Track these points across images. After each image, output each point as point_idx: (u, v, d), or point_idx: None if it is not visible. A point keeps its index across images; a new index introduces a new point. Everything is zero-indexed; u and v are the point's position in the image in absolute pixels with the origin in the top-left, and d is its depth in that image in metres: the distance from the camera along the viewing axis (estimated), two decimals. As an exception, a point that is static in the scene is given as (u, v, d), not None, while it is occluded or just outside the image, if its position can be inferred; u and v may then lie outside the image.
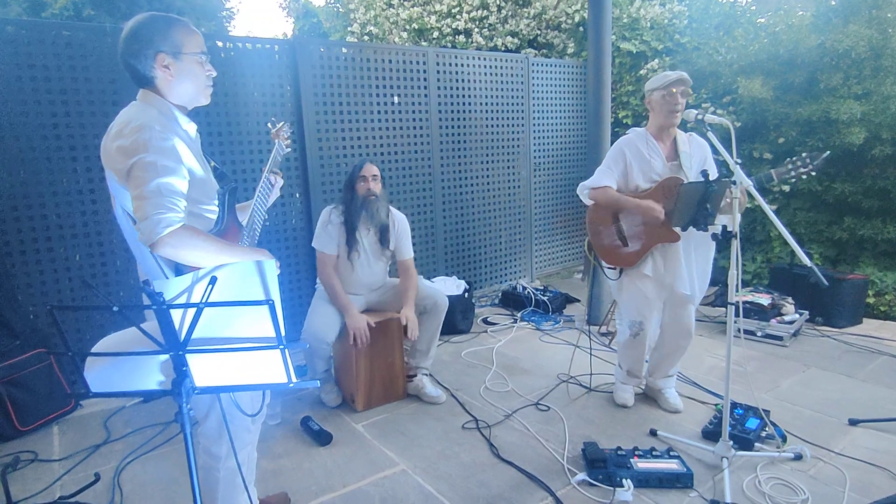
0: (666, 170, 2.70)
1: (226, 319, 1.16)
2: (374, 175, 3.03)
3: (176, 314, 1.12)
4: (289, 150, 2.16)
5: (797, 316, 3.94)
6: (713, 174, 2.73)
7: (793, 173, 2.31)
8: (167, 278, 1.41)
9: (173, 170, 1.45)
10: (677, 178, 2.63)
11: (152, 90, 1.58)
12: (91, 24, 4.04)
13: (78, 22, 7.46)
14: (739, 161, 2.21)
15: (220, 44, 3.70)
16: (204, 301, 1.08)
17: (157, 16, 1.58)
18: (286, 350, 1.14)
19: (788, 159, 2.34)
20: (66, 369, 3.13)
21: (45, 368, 3.00)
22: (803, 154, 2.32)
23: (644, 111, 2.81)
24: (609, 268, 2.88)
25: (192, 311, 1.10)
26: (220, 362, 1.19)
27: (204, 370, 1.19)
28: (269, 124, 2.12)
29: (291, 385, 1.19)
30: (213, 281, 1.07)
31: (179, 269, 1.41)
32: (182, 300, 1.12)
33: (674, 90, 2.62)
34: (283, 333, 1.13)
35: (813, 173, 2.31)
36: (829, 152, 2.39)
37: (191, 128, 1.66)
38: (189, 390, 1.16)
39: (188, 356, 1.16)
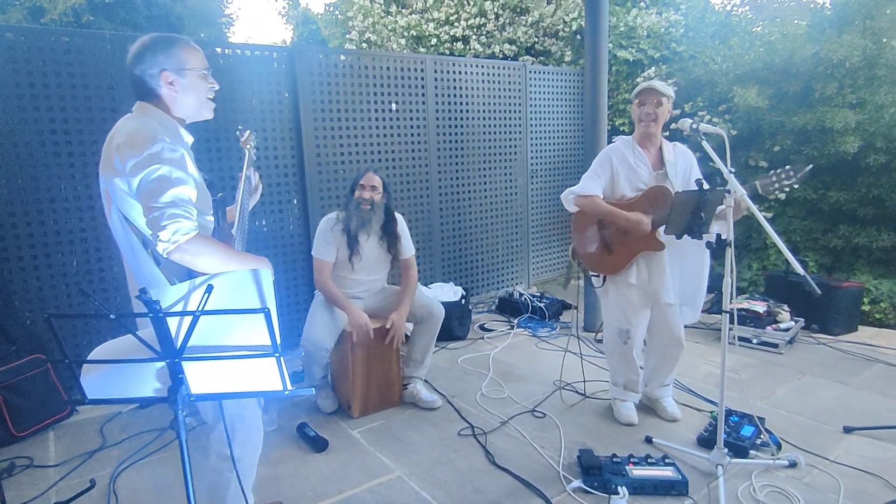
0: (652, 179, 2.72)
1: (222, 327, 1.17)
2: (374, 185, 3.04)
3: (172, 322, 1.13)
4: (255, 157, 2.19)
5: (793, 323, 3.95)
6: (701, 180, 2.76)
7: (776, 185, 2.32)
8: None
9: (185, 180, 1.50)
10: (663, 186, 2.66)
11: (153, 103, 1.64)
12: (90, 31, 4.07)
13: (76, 29, 7.49)
14: (733, 170, 2.23)
15: (218, 50, 3.73)
16: (200, 309, 1.09)
17: (161, 36, 1.65)
18: (281, 358, 1.15)
19: (773, 171, 2.36)
20: (62, 375, 3.13)
21: (42, 374, 3.00)
22: (787, 167, 2.33)
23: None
24: (593, 275, 2.89)
25: (188, 319, 1.11)
26: (215, 370, 1.20)
27: (200, 377, 1.20)
28: (237, 132, 2.15)
29: (287, 393, 1.19)
30: (210, 289, 1.08)
31: (192, 277, 1.44)
32: (178, 308, 1.13)
33: (642, 98, 2.66)
34: (278, 341, 1.14)
35: (795, 186, 2.33)
36: (811, 165, 2.42)
37: (189, 140, 1.72)
38: (185, 398, 1.17)
39: (184, 364, 1.16)
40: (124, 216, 1.57)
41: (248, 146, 2.10)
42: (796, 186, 2.32)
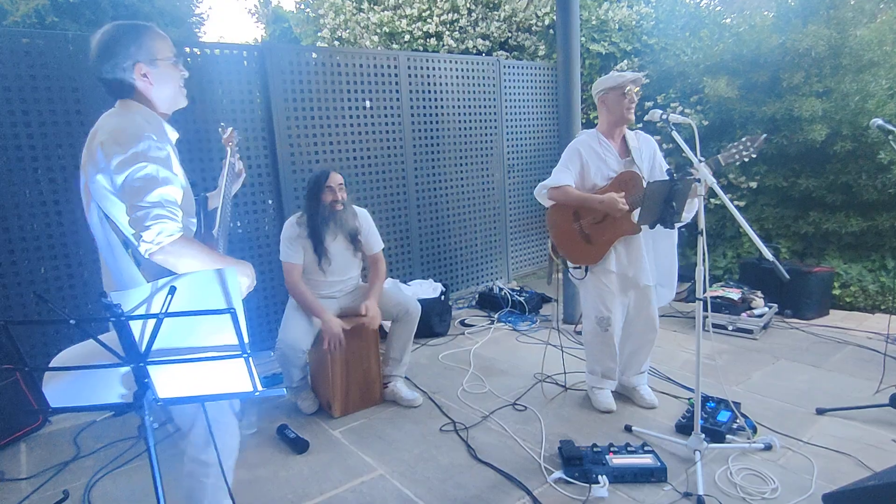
0: (620, 166, 2.78)
1: (189, 329, 1.14)
2: (340, 184, 3.01)
3: (136, 325, 1.10)
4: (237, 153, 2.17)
5: (766, 309, 4.03)
6: (663, 169, 2.81)
7: (736, 157, 2.40)
8: None
9: (171, 180, 1.47)
10: (632, 171, 2.72)
11: (133, 99, 1.59)
12: (51, 31, 3.95)
13: (37, 30, 7.30)
14: (703, 159, 2.26)
15: (188, 50, 3.66)
16: (164, 311, 1.06)
17: (126, 25, 1.58)
18: (251, 358, 1.13)
19: (732, 144, 2.44)
20: (33, 386, 3.05)
21: (11, 385, 2.91)
22: (744, 139, 2.41)
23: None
24: (575, 267, 2.91)
25: (152, 322, 1.09)
26: (183, 373, 1.17)
27: (167, 381, 1.17)
28: (219, 129, 2.12)
29: (257, 394, 1.17)
30: (173, 291, 1.06)
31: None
32: (142, 310, 1.10)
33: (630, 89, 2.70)
34: (246, 341, 1.12)
35: (753, 156, 2.40)
36: (765, 135, 2.50)
37: (174, 137, 1.67)
38: (151, 402, 1.14)
39: (150, 368, 1.14)
40: (105, 214, 1.53)
41: (231, 144, 2.07)
42: (754, 156, 2.40)
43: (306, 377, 3.13)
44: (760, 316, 3.93)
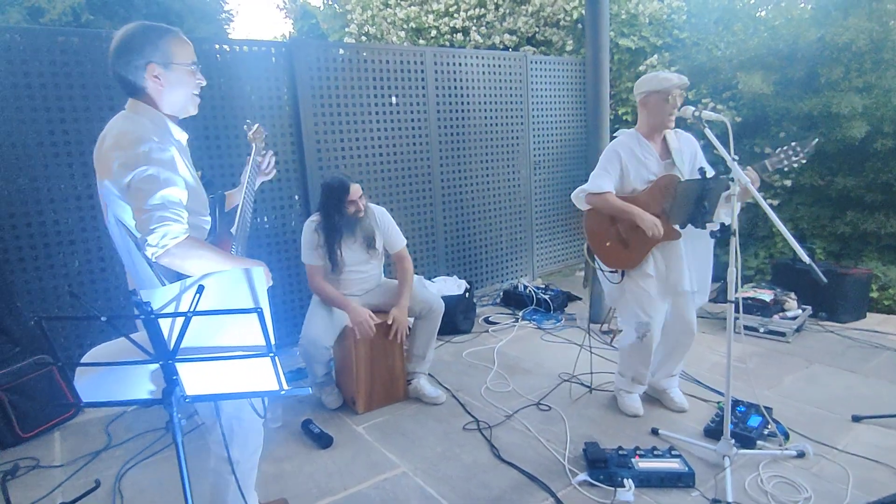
0: (660, 169, 2.69)
1: (216, 327, 1.15)
2: (360, 195, 3.00)
3: (165, 323, 1.11)
4: (266, 151, 2.15)
5: (800, 311, 3.91)
6: (706, 168, 2.72)
7: (785, 162, 2.32)
8: None
9: (174, 181, 1.46)
10: (672, 175, 2.62)
11: (142, 100, 1.59)
12: (86, 30, 4.05)
13: (72, 28, 7.49)
14: (737, 157, 2.19)
15: (216, 47, 3.71)
16: (192, 310, 1.07)
17: (149, 25, 1.57)
18: (276, 357, 1.13)
19: (780, 149, 2.34)
20: (67, 376, 3.14)
21: (46, 375, 2.99)
22: (793, 143, 2.32)
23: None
24: (610, 271, 2.85)
25: (180, 320, 1.10)
26: (211, 370, 1.18)
27: (195, 379, 1.19)
28: (245, 126, 2.11)
29: (283, 393, 1.18)
30: (201, 289, 1.06)
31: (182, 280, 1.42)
32: (170, 309, 1.11)
33: (674, 94, 2.59)
34: (272, 341, 1.12)
35: (804, 161, 2.30)
36: (817, 139, 2.40)
37: (183, 137, 1.67)
38: (179, 399, 1.16)
39: (178, 365, 1.15)
40: (118, 219, 1.55)
41: (257, 141, 2.06)
42: (804, 161, 2.30)
43: (330, 373, 3.15)
44: (793, 318, 3.81)
